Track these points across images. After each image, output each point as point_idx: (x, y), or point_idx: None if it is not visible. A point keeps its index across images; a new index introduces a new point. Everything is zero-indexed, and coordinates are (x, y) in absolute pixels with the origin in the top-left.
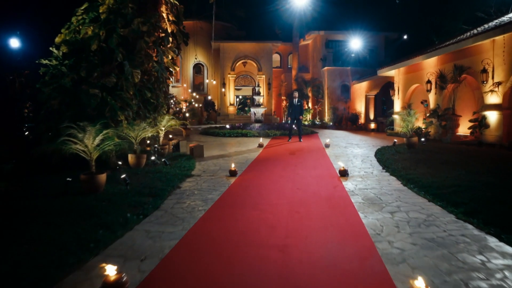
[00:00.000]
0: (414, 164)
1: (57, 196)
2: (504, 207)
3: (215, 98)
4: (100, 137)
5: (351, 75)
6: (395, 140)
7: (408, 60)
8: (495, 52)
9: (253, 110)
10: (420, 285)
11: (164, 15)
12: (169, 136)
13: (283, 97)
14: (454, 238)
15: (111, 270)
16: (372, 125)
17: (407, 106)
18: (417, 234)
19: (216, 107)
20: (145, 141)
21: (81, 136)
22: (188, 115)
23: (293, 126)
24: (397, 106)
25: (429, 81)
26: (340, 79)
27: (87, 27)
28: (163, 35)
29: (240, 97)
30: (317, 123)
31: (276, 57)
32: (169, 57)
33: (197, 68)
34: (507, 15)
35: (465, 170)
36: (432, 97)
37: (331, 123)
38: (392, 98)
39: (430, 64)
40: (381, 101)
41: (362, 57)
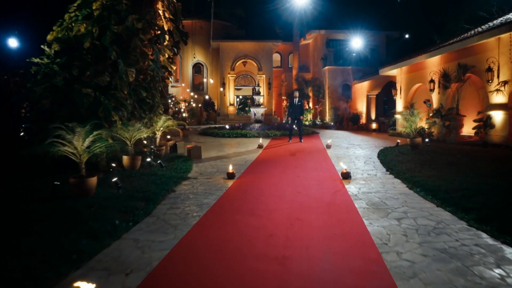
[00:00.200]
0: (419, 165)
1: (43, 201)
2: None
3: (214, 98)
4: (90, 138)
5: (352, 75)
6: (398, 140)
7: (411, 59)
8: (500, 50)
9: (253, 110)
10: None
11: (160, 12)
12: (167, 137)
13: (283, 97)
14: (467, 249)
15: None
16: (374, 125)
17: (410, 106)
18: (427, 244)
19: (215, 107)
20: (142, 142)
21: (70, 137)
22: (187, 115)
23: (294, 126)
24: (399, 106)
25: (432, 80)
26: (341, 78)
27: (79, 24)
28: (159, 32)
29: (241, 97)
30: (318, 123)
31: (276, 57)
32: (165, 55)
33: (197, 68)
34: None
35: (472, 172)
36: (435, 97)
37: (332, 123)
38: (394, 97)
39: (433, 63)
40: (383, 101)
41: (363, 56)
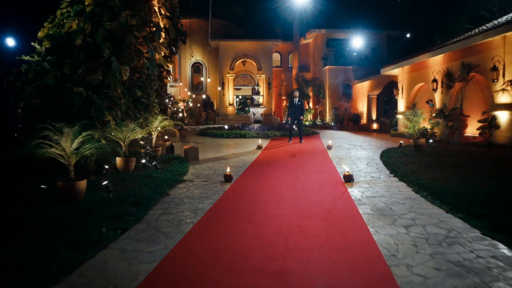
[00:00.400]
0: (423, 167)
1: (28, 206)
2: None
3: (214, 98)
4: (79, 139)
5: (353, 74)
6: (401, 141)
7: (413, 58)
8: (506, 49)
9: (252, 110)
10: None
11: (156, 8)
12: (165, 137)
13: (283, 97)
14: (484, 262)
15: None
16: (375, 126)
17: (412, 106)
18: (440, 255)
19: (215, 107)
20: (138, 143)
21: (57, 138)
22: (186, 115)
23: (294, 126)
24: (401, 106)
25: (435, 80)
26: (341, 78)
27: (71, 21)
28: (154, 29)
29: (240, 97)
30: (318, 123)
31: (276, 56)
32: (161, 53)
33: (196, 67)
34: None
35: (480, 175)
36: (438, 97)
37: (332, 123)
38: (396, 97)
39: (436, 62)
40: (384, 101)
41: (364, 55)
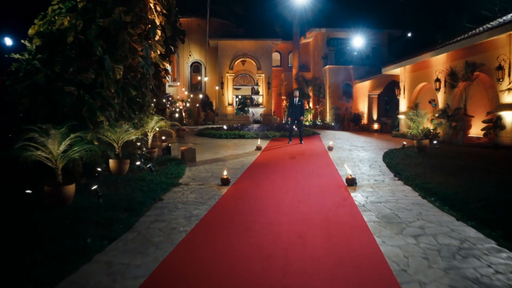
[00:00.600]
0: (429, 170)
1: (13, 212)
2: None
3: (213, 98)
4: (67, 141)
5: (353, 74)
6: (404, 142)
7: (415, 58)
8: None
9: (251, 110)
10: None
11: (151, 5)
12: (162, 138)
13: (283, 97)
14: (504, 278)
15: None
16: (376, 126)
17: (414, 106)
18: (455, 270)
19: (214, 107)
20: (133, 144)
21: (43, 140)
22: (184, 115)
23: (294, 127)
24: (403, 106)
25: (438, 79)
26: (342, 78)
27: (63, 17)
28: (149, 27)
29: (240, 96)
30: (318, 123)
31: (276, 56)
32: (157, 51)
33: (195, 67)
34: None
35: (488, 178)
36: (441, 96)
37: (333, 124)
38: (398, 97)
39: (439, 62)
40: (384, 101)
41: (365, 55)
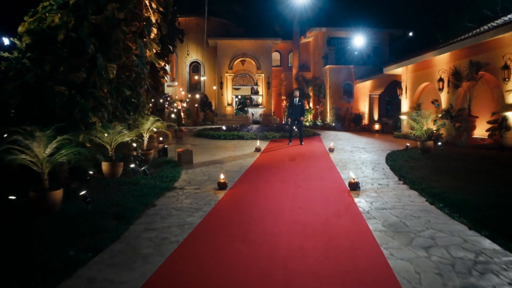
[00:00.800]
0: (434, 173)
1: None
2: None
3: (212, 98)
4: (53, 144)
5: (354, 74)
6: (407, 144)
7: (418, 57)
8: None
9: (251, 110)
10: None
11: (146, 2)
12: (160, 139)
13: (283, 97)
14: None
15: None
16: (377, 126)
17: (416, 106)
18: None
19: (213, 107)
20: (128, 146)
21: (28, 143)
22: (183, 115)
23: (294, 127)
24: (405, 106)
25: (441, 79)
26: (342, 77)
27: (54, 14)
28: (144, 24)
29: (239, 97)
30: (319, 123)
31: (276, 56)
32: (152, 50)
33: (194, 67)
34: None
35: (498, 182)
36: (444, 96)
37: (333, 124)
38: (399, 97)
39: (442, 61)
40: (385, 101)
41: (366, 55)
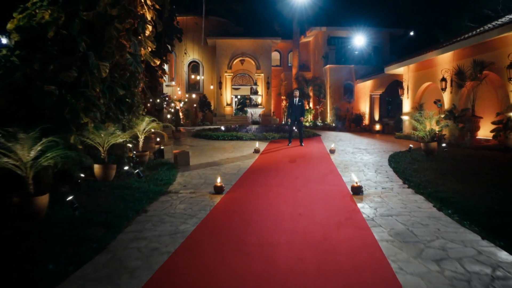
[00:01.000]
0: (440, 176)
1: None
2: None
3: (211, 98)
4: (38, 146)
5: (354, 74)
6: (411, 145)
7: (420, 56)
8: None
9: (250, 110)
10: None
11: None
12: (157, 140)
13: (283, 97)
14: None
15: None
16: (377, 127)
17: (418, 106)
18: None
19: (212, 107)
20: (122, 147)
21: (10, 145)
22: (182, 116)
23: (294, 128)
24: (407, 106)
25: (443, 79)
26: (343, 77)
27: (44, 11)
28: (138, 21)
29: (239, 97)
30: (319, 124)
31: (275, 55)
32: (147, 48)
33: (193, 66)
34: None
35: (508, 186)
36: (447, 97)
37: (333, 124)
38: (401, 97)
39: (445, 60)
40: (386, 101)
41: (366, 54)
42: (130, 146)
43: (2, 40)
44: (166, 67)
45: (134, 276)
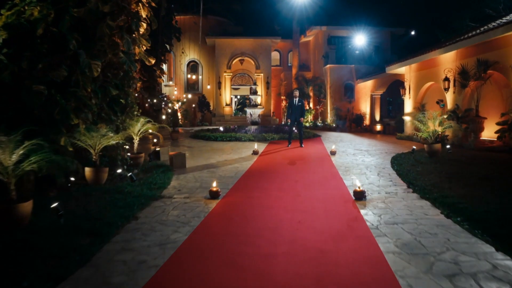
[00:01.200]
0: (445, 180)
1: None
2: None
3: (210, 98)
4: (20, 150)
5: (355, 73)
6: (414, 147)
7: (422, 55)
8: None
9: (249, 111)
10: None
11: None
12: (154, 141)
13: (282, 97)
14: None
15: None
16: (378, 127)
17: (420, 107)
18: None
19: (211, 108)
20: (116, 149)
21: None
22: (180, 116)
23: (293, 128)
24: (408, 106)
25: (446, 79)
26: (343, 77)
27: (33, 7)
28: (131, 18)
29: (239, 97)
30: (319, 124)
31: (275, 55)
32: (142, 47)
33: (192, 66)
34: None
35: None
36: (450, 97)
37: (334, 125)
38: (403, 97)
39: (448, 60)
40: (387, 101)
41: (367, 54)
42: (127, 147)
43: None
44: (164, 67)
45: None
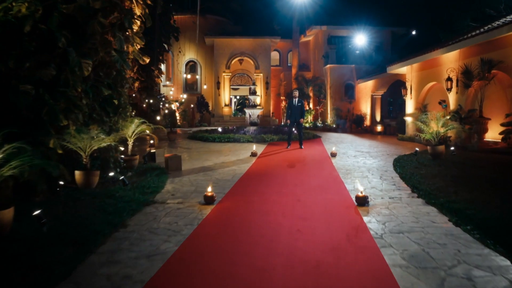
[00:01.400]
0: (451, 183)
1: None
2: None
3: (209, 98)
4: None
5: (355, 74)
6: (417, 148)
7: (424, 55)
8: None
9: (248, 111)
10: None
11: None
12: (150, 142)
13: (282, 97)
14: None
15: None
16: (379, 128)
17: (422, 107)
18: None
19: (210, 108)
20: (109, 150)
21: None
22: (179, 117)
23: (293, 129)
24: (410, 107)
25: (449, 79)
26: (343, 77)
27: (21, 4)
28: (124, 15)
29: (238, 97)
30: (319, 125)
31: (275, 55)
32: (135, 45)
33: (191, 66)
34: None
35: None
36: (452, 97)
37: (334, 125)
38: (404, 98)
39: (450, 59)
40: (388, 101)
41: (368, 54)
42: (122, 149)
43: None
44: (163, 66)
45: None
